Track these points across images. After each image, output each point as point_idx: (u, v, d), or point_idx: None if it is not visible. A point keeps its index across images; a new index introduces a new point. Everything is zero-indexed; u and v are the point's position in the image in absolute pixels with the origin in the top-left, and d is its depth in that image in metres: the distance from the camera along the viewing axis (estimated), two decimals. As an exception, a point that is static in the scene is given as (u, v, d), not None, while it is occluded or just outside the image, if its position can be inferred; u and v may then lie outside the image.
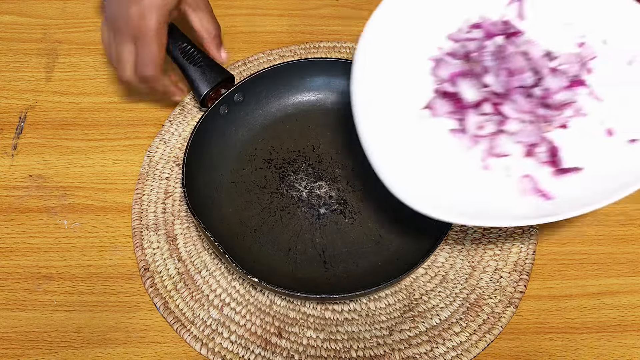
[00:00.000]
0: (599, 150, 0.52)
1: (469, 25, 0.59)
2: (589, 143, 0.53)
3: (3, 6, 0.79)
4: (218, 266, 0.59)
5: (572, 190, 0.50)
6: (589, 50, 0.56)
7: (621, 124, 0.53)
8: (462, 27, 0.59)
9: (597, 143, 0.53)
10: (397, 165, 0.53)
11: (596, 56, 0.56)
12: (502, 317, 0.55)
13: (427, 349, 0.53)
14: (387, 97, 0.57)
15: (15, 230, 0.61)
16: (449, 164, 0.54)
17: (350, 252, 0.59)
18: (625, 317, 0.56)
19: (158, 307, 0.56)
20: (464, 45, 0.58)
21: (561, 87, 0.54)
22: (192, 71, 0.64)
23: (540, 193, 0.51)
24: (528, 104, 0.53)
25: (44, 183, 0.64)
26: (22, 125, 0.68)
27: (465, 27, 0.59)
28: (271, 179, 0.63)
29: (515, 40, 0.56)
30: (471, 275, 0.58)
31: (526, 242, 0.60)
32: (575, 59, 0.55)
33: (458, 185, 0.53)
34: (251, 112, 0.67)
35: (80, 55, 0.74)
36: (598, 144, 0.53)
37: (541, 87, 0.54)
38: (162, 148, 0.66)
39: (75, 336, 0.55)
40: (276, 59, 0.74)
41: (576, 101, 0.54)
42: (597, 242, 0.60)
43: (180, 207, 0.62)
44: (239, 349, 0.54)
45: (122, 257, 0.59)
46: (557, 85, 0.54)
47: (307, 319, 0.56)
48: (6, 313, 0.56)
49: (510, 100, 0.53)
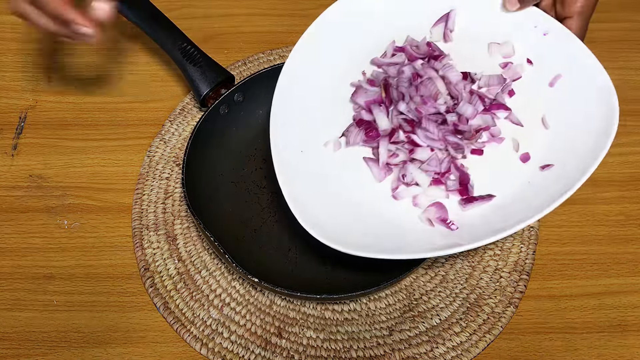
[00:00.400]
0: (512, 177, 0.51)
1: (394, 48, 0.58)
2: (503, 170, 0.51)
3: (3, 6, 0.79)
4: (218, 266, 0.59)
5: (479, 219, 0.49)
6: (512, 72, 0.55)
7: (537, 149, 0.51)
8: (388, 50, 0.58)
9: (510, 170, 0.51)
10: (309, 198, 0.52)
11: (520, 77, 0.55)
12: (502, 317, 0.55)
13: (427, 349, 0.53)
14: (306, 123, 0.57)
15: (15, 230, 0.61)
16: (363, 195, 0.53)
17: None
18: (626, 317, 0.56)
19: (158, 307, 0.56)
20: (385, 70, 0.57)
21: (477, 112, 0.53)
22: (192, 71, 0.64)
23: (445, 223, 0.49)
24: (440, 131, 0.52)
25: (44, 183, 0.64)
26: (22, 125, 0.68)
27: (390, 49, 0.58)
28: (271, 179, 0.63)
29: (436, 64, 0.55)
30: (471, 275, 0.58)
31: (526, 242, 0.60)
32: (497, 81, 0.54)
33: (372, 217, 0.52)
34: (251, 112, 0.66)
35: (80, 55, 0.74)
36: (511, 170, 0.51)
37: (455, 113, 0.53)
38: (162, 148, 0.66)
39: (75, 336, 0.55)
40: (276, 59, 0.74)
41: (494, 125, 0.53)
42: (597, 242, 0.60)
43: (180, 207, 0.62)
44: (239, 349, 0.54)
45: (122, 257, 0.59)
46: (472, 111, 0.53)
47: (307, 319, 0.56)
48: (6, 313, 0.56)
49: (421, 127, 0.52)
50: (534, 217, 0.45)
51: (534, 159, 0.51)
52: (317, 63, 0.58)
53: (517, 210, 0.47)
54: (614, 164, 0.66)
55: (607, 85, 0.50)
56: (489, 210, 0.49)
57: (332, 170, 0.55)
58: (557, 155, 0.50)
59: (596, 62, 0.51)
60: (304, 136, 0.56)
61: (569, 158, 0.49)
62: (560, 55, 0.53)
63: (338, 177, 0.54)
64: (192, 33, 0.68)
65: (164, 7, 0.68)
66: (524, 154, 0.51)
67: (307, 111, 0.57)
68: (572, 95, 0.52)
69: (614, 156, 0.66)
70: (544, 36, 0.54)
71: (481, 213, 0.49)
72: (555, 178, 0.48)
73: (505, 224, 0.46)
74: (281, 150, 0.54)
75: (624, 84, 0.72)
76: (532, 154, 0.51)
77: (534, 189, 0.49)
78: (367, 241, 0.49)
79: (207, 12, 0.79)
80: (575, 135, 0.50)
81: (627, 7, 0.79)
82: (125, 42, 0.76)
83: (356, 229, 0.51)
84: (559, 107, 0.52)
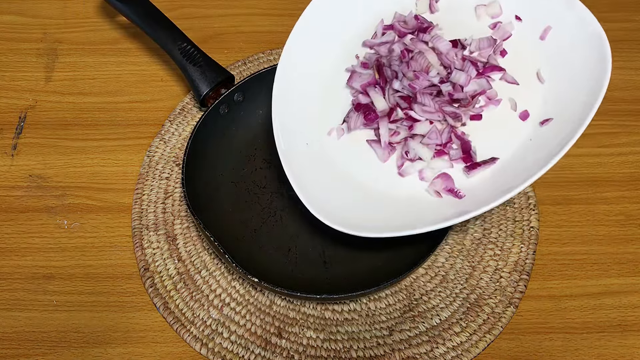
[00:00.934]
0: (513, 137, 0.51)
1: (383, 27, 0.59)
2: (503, 131, 0.52)
3: (3, 6, 0.79)
4: (218, 266, 0.59)
5: (486, 183, 0.50)
6: (502, 31, 0.55)
7: (535, 105, 0.52)
8: (378, 30, 0.59)
9: (511, 130, 0.52)
10: (320, 191, 0.53)
11: (510, 35, 0.55)
12: (502, 317, 0.55)
13: (427, 349, 0.53)
14: (307, 116, 0.57)
15: (15, 230, 0.61)
16: (370, 177, 0.54)
17: (350, 252, 0.59)
18: (626, 317, 0.56)
19: (158, 307, 0.56)
20: (377, 50, 0.58)
21: (470, 78, 0.53)
22: (192, 71, 0.64)
23: (452, 192, 0.50)
24: (436, 103, 0.53)
25: (44, 183, 0.64)
26: (22, 125, 0.68)
27: (380, 29, 0.59)
28: (271, 179, 0.63)
29: (425, 36, 0.56)
30: (471, 275, 0.58)
31: (526, 242, 0.60)
32: (487, 44, 0.55)
33: (381, 198, 0.52)
34: (251, 112, 0.66)
35: (80, 55, 0.75)
36: (512, 130, 0.51)
37: (450, 83, 0.53)
38: (162, 148, 0.66)
39: (75, 336, 0.55)
40: (276, 59, 0.74)
41: (490, 88, 0.53)
42: (597, 242, 0.60)
43: (180, 207, 0.62)
44: (239, 349, 0.54)
45: (122, 257, 0.59)
46: (465, 78, 0.53)
47: (307, 319, 0.56)
48: (6, 313, 0.56)
49: (417, 102, 0.53)
50: (538, 172, 0.45)
51: (533, 115, 0.51)
52: (311, 55, 0.59)
53: (522, 168, 0.48)
54: (614, 164, 0.66)
55: (598, 32, 0.49)
56: (495, 173, 0.50)
57: (338, 158, 0.55)
58: (555, 108, 0.50)
59: (584, 9, 0.51)
60: (307, 128, 0.57)
61: (567, 109, 0.49)
62: (548, 6, 0.53)
63: (345, 164, 0.55)
64: (192, 33, 0.68)
65: (164, 7, 0.68)
66: (523, 112, 0.52)
67: (308, 103, 0.58)
68: (563, 46, 0.52)
69: (614, 156, 0.66)
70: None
71: (487, 177, 0.50)
72: (556, 131, 0.48)
73: (512, 184, 0.46)
74: (286, 151, 0.55)
75: (624, 84, 0.72)
76: (531, 110, 0.51)
77: (536, 145, 0.49)
78: (379, 222, 0.50)
79: (207, 12, 0.79)
80: (570, 86, 0.50)
81: (627, 7, 0.79)
82: (125, 42, 0.76)
83: (367, 211, 0.52)
84: (552, 59, 0.52)
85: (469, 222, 0.61)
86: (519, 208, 0.62)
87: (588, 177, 0.65)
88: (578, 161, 0.66)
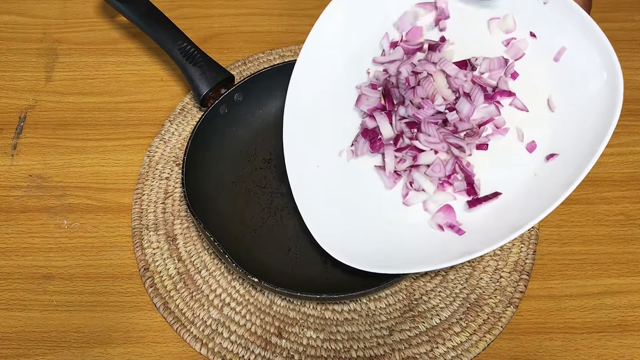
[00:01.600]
0: (519, 170, 0.50)
1: (390, 44, 0.57)
2: (509, 163, 0.50)
3: (3, 6, 0.79)
4: (218, 266, 0.59)
5: (489, 218, 0.48)
6: (515, 49, 0.52)
7: (542, 136, 0.50)
8: (384, 46, 0.58)
9: (517, 162, 0.50)
10: (325, 212, 0.53)
11: (523, 54, 0.52)
12: (502, 317, 0.55)
13: (427, 349, 0.53)
14: (319, 134, 0.57)
15: (15, 230, 0.61)
16: (377, 205, 0.53)
17: (350, 252, 0.59)
18: (626, 317, 0.56)
19: (158, 307, 0.56)
20: (387, 68, 0.57)
21: (474, 108, 0.51)
22: (192, 71, 0.64)
23: (452, 228, 0.49)
24: (440, 133, 0.51)
25: (44, 183, 0.64)
26: (22, 125, 0.68)
27: (386, 45, 0.57)
28: (271, 179, 0.63)
29: (434, 56, 0.54)
30: (471, 275, 0.58)
31: (526, 242, 0.60)
32: (498, 65, 0.52)
33: (385, 229, 0.52)
34: (251, 112, 0.67)
35: (80, 55, 0.75)
36: (518, 163, 0.50)
37: (456, 112, 0.52)
38: (162, 148, 0.66)
39: (75, 336, 0.55)
40: (276, 59, 0.74)
41: (498, 115, 0.51)
42: (597, 242, 0.60)
43: (180, 207, 0.62)
44: (239, 349, 0.54)
45: (122, 257, 0.59)
46: (469, 108, 0.51)
47: (307, 319, 0.56)
48: (6, 313, 0.56)
49: (421, 132, 0.52)
50: (542, 213, 0.44)
51: (540, 147, 0.50)
52: (322, 71, 0.58)
53: (526, 206, 0.47)
54: (614, 164, 0.66)
55: (611, 60, 0.47)
56: (498, 208, 0.49)
57: (346, 182, 0.55)
58: (562, 142, 0.48)
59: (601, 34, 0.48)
60: (318, 148, 0.56)
61: (573, 146, 0.47)
62: (563, 25, 0.50)
63: (352, 189, 0.55)
64: (192, 33, 0.68)
65: (164, 7, 0.68)
66: (530, 143, 0.50)
67: (319, 123, 0.57)
68: (576, 71, 0.49)
69: (614, 156, 0.66)
70: (544, 5, 0.51)
71: (489, 211, 0.49)
72: (560, 169, 0.47)
73: (516, 223, 0.45)
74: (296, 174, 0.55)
75: (624, 84, 0.72)
76: (538, 142, 0.50)
77: (540, 182, 0.48)
78: (383, 256, 0.50)
79: (207, 12, 0.79)
80: (579, 119, 0.48)
81: (627, 7, 0.79)
82: (125, 42, 0.76)
83: (373, 243, 0.51)
84: (564, 85, 0.50)
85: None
86: (519, 208, 0.62)
87: (588, 177, 0.64)
88: (578, 161, 0.66)
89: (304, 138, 0.57)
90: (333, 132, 0.57)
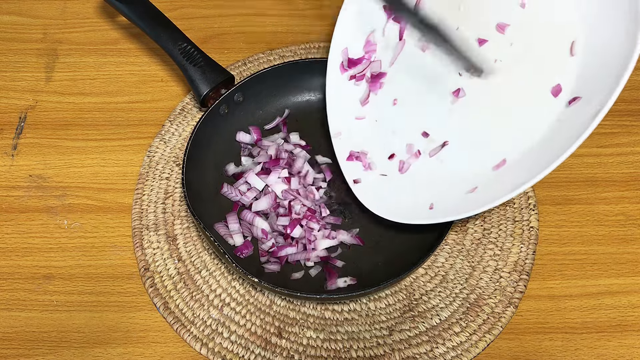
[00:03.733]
0: (544, 114, 0.49)
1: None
2: (534, 107, 0.50)
3: (3, 6, 0.79)
4: (218, 266, 0.59)
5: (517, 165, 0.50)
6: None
7: (567, 80, 0.49)
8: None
9: (542, 105, 0.50)
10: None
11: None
12: (502, 317, 0.55)
13: (427, 349, 0.53)
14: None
15: (15, 230, 0.61)
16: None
17: (350, 252, 0.59)
18: (625, 317, 0.56)
19: (158, 307, 0.56)
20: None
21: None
22: (192, 71, 0.64)
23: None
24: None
25: (44, 183, 0.64)
26: (22, 125, 0.68)
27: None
28: (271, 179, 0.63)
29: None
30: (471, 275, 0.58)
31: (526, 242, 0.60)
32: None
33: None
34: (251, 112, 0.67)
35: (80, 55, 0.75)
36: (543, 107, 0.50)
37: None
38: (162, 148, 0.66)
39: (75, 336, 0.55)
40: (276, 59, 0.74)
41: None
42: (597, 242, 0.60)
43: (180, 207, 0.62)
44: (239, 349, 0.54)
45: (122, 257, 0.59)
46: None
47: (307, 319, 0.56)
48: (6, 313, 0.56)
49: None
50: (565, 153, 0.44)
51: (565, 91, 0.49)
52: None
53: (552, 146, 0.47)
54: (614, 164, 0.66)
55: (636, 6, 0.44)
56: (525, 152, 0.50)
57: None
58: (584, 85, 0.48)
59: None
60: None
61: (593, 88, 0.46)
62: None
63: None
64: (192, 33, 0.68)
65: (164, 7, 0.68)
66: (556, 87, 0.49)
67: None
68: (600, 9, 0.47)
69: (614, 156, 0.66)
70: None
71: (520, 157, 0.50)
72: (582, 109, 0.47)
73: (545, 162, 0.45)
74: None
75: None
76: (563, 86, 0.49)
77: (564, 126, 0.48)
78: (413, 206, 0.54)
79: (207, 12, 0.79)
80: (599, 63, 0.47)
81: (627, 7, 0.79)
82: (125, 42, 0.76)
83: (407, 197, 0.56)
84: (588, 25, 0.48)
85: (469, 222, 0.61)
86: (518, 208, 0.62)
87: (588, 177, 0.65)
88: (578, 161, 0.66)
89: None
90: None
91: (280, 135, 0.66)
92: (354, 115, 0.63)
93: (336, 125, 0.63)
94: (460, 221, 0.60)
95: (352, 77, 0.63)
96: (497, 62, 0.53)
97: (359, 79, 0.63)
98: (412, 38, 0.59)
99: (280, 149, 0.63)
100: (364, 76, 0.62)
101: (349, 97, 0.63)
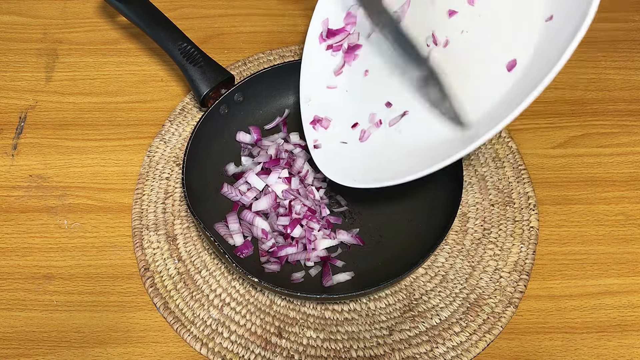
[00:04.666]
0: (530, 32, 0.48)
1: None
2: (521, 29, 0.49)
3: (3, 6, 0.79)
4: (218, 266, 0.59)
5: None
6: None
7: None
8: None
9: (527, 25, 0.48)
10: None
11: None
12: (502, 317, 0.55)
13: (427, 349, 0.53)
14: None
15: (15, 230, 0.61)
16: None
17: (350, 252, 0.59)
18: (625, 317, 0.56)
19: (158, 307, 0.56)
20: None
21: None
22: (192, 71, 0.64)
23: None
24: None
25: (44, 183, 0.64)
26: (22, 125, 0.68)
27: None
28: (271, 179, 0.63)
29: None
30: (471, 275, 0.58)
31: (526, 242, 0.60)
32: None
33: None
34: (251, 112, 0.67)
35: (80, 55, 0.75)
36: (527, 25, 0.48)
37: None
38: (162, 148, 0.66)
39: (75, 336, 0.55)
40: (276, 59, 0.74)
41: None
42: (597, 242, 0.60)
43: (180, 207, 0.62)
44: (239, 349, 0.54)
45: (122, 257, 0.59)
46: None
47: (307, 319, 0.56)
48: (6, 313, 0.56)
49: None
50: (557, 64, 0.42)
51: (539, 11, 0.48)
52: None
53: (540, 66, 0.45)
54: (614, 164, 0.66)
55: None
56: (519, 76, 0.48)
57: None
58: (556, 5, 0.46)
59: None
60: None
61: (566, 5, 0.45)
62: None
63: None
64: (192, 33, 0.68)
65: (164, 7, 0.68)
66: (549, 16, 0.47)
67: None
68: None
69: (614, 156, 0.66)
70: None
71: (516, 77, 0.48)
72: (560, 28, 0.45)
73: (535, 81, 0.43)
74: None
75: (623, 84, 0.72)
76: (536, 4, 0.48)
77: (548, 41, 0.46)
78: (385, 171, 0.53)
79: (207, 12, 0.79)
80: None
81: (626, 7, 0.79)
82: (125, 42, 0.76)
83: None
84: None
85: (469, 222, 0.61)
86: (518, 208, 0.62)
87: (588, 177, 0.65)
88: (577, 161, 0.66)
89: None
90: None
91: (280, 135, 0.66)
92: (326, 84, 0.64)
93: (307, 92, 0.64)
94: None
95: (329, 47, 0.64)
96: (464, 33, 0.53)
97: (336, 49, 0.63)
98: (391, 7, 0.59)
99: (280, 149, 0.63)
100: (340, 47, 0.63)
101: (324, 66, 0.64)
